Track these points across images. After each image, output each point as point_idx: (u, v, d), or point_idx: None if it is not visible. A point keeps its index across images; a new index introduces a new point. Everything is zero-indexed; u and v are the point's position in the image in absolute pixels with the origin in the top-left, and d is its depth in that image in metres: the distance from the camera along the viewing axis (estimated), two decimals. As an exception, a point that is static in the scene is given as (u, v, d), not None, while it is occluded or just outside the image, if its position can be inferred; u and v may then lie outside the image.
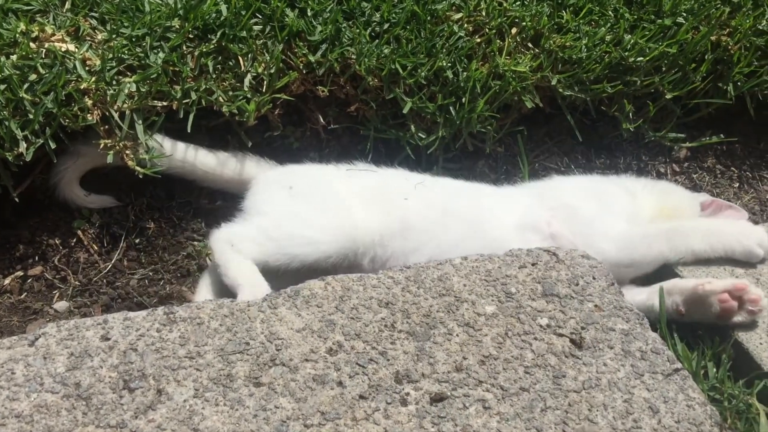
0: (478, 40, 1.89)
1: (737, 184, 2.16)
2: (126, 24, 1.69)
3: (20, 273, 1.63)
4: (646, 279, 1.64)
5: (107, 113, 1.58)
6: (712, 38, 2.05)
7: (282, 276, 1.51)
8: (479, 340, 1.29)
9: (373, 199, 1.65)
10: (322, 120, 1.85)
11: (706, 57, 2.04)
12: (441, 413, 1.16)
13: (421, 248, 1.60)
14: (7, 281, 1.61)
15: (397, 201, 1.65)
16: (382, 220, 1.61)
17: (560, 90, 1.92)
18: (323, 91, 1.78)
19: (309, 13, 1.80)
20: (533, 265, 1.46)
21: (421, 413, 1.16)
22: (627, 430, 1.18)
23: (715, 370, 1.40)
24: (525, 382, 1.23)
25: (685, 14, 2.06)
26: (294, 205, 1.63)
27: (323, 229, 1.56)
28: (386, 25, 1.84)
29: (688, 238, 1.61)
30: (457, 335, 1.30)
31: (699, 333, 1.49)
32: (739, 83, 2.08)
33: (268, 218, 1.59)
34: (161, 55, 1.65)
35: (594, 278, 1.45)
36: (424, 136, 1.85)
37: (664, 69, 2.01)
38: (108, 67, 1.60)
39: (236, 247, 1.51)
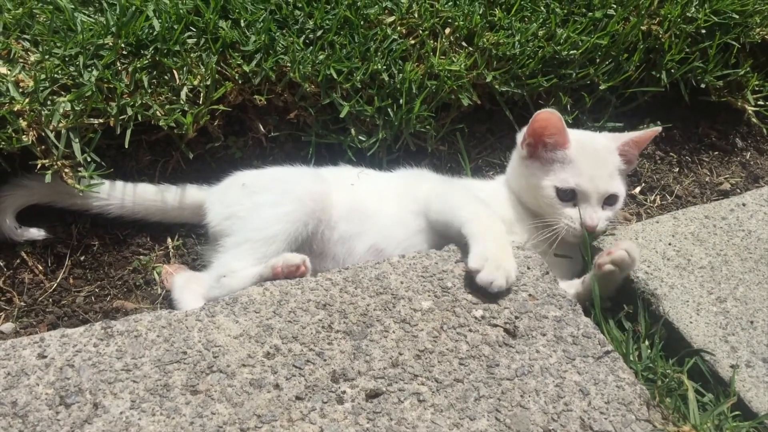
0: (412, 41, 1.92)
1: (677, 169, 2.21)
2: (58, 44, 1.69)
3: (-35, 297, 1.63)
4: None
5: (43, 133, 1.59)
6: (643, 28, 2.10)
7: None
8: (415, 335, 1.32)
9: (323, 179, 1.70)
10: (262, 128, 1.87)
11: (638, 47, 2.09)
12: (376, 409, 1.19)
13: (365, 232, 1.62)
14: (-48, 306, 1.60)
15: (344, 185, 1.70)
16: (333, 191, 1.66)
17: (496, 86, 1.96)
18: (261, 100, 1.80)
19: (242, 24, 1.82)
20: (469, 259, 1.49)
21: (356, 410, 1.18)
22: (558, 413, 1.21)
23: (649, 350, 1.44)
24: (459, 373, 1.26)
25: (615, 6, 2.11)
26: (253, 197, 1.63)
27: (289, 200, 1.59)
28: (320, 32, 1.86)
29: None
30: (393, 332, 1.32)
31: (630, 313, 1.52)
32: (672, 70, 2.14)
33: (237, 224, 1.61)
34: (95, 72, 1.65)
35: (528, 268, 1.49)
36: (364, 139, 1.88)
37: (597, 60, 2.06)
38: (41, 88, 1.61)
39: (229, 274, 1.52)
